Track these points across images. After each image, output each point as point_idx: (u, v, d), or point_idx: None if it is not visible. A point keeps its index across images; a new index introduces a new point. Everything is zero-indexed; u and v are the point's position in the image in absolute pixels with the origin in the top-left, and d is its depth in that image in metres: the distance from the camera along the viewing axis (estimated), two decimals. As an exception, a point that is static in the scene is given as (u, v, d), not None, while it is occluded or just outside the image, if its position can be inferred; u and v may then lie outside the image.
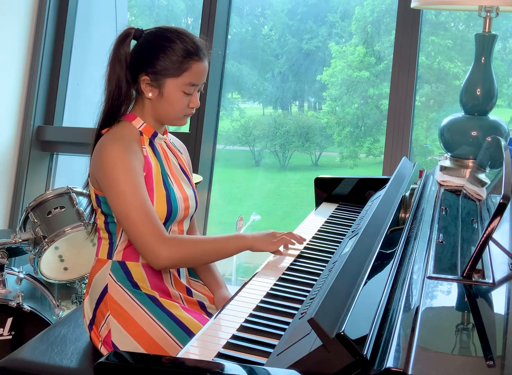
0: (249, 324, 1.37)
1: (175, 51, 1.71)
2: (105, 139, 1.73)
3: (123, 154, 1.67)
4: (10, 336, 2.45)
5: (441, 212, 1.74)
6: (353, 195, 2.35)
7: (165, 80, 1.72)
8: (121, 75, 1.75)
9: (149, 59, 1.72)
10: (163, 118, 1.79)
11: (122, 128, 1.76)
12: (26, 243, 2.70)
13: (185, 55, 1.71)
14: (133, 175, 1.66)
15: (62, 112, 3.89)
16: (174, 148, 1.90)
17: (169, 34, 1.73)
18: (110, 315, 1.71)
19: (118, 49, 1.76)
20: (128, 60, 1.75)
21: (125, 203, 1.65)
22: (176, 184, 1.81)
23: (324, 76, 4.16)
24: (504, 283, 1.24)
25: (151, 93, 1.74)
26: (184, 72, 1.72)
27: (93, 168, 1.74)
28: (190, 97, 1.75)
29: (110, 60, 1.77)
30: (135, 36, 1.77)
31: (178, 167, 1.87)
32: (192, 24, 4.52)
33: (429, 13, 3.65)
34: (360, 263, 1.34)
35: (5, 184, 3.73)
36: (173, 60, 1.71)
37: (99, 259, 1.79)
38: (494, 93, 2.25)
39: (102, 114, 1.78)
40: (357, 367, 0.99)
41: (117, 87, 1.75)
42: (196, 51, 1.73)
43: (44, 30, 3.73)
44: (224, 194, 4.52)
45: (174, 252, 1.66)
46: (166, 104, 1.74)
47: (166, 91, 1.73)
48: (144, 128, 1.78)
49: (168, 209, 1.75)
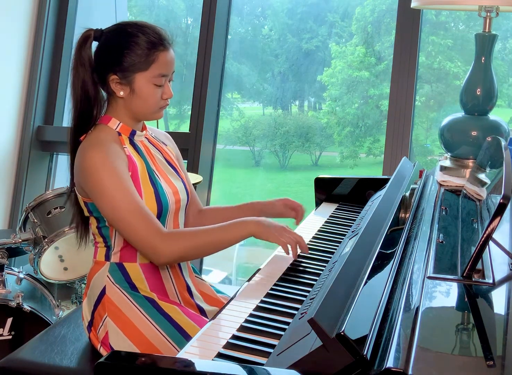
0: (249, 324, 1.37)
1: (139, 45, 1.68)
2: (84, 146, 1.70)
3: (105, 159, 1.64)
4: (10, 336, 2.45)
5: (441, 212, 1.74)
6: (353, 195, 2.35)
7: (134, 75, 1.69)
8: (86, 79, 1.72)
9: (115, 57, 1.69)
10: (138, 114, 1.76)
11: (99, 132, 1.73)
12: (26, 243, 2.70)
13: (149, 47, 1.69)
14: (119, 178, 1.64)
15: (62, 112, 3.89)
16: (157, 142, 1.87)
17: (129, 29, 1.70)
18: (107, 317, 1.70)
19: (80, 53, 1.73)
20: (92, 62, 1.73)
21: (117, 207, 1.63)
22: (163, 179, 1.78)
23: (324, 76, 4.16)
24: (504, 283, 1.25)
25: (122, 91, 1.71)
26: (152, 64, 1.69)
27: (78, 178, 1.71)
28: (162, 89, 1.73)
29: (72, 65, 1.74)
30: (96, 37, 1.74)
31: (164, 161, 1.84)
32: (192, 24, 4.52)
33: (429, 13, 3.65)
34: (360, 263, 1.34)
35: (5, 184, 3.73)
36: (139, 54, 1.68)
37: (97, 261, 1.78)
38: (494, 93, 2.25)
39: (74, 121, 1.75)
40: (357, 367, 0.99)
41: (83, 92, 1.72)
42: (160, 41, 1.70)
43: (44, 30, 3.73)
44: (224, 194, 4.51)
45: (174, 246, 1.64)
46: (139, 100, 1.72)
47: (137, 86, 1.70)
48: (121, 128, 1.76)
49: (158, 205, 1.73)
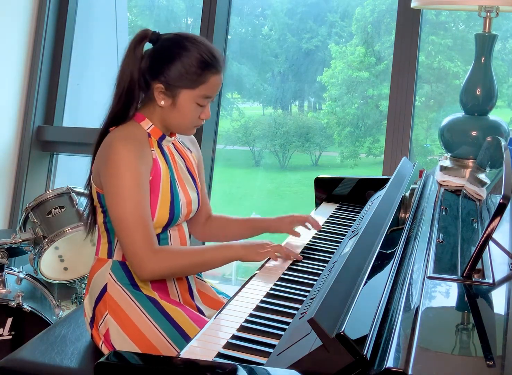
0: (249, 324, 1.37)
1: (192, 61, 1.65)
2: (114, 136, 1.68)
3: (132, 156, 1.63)
4: (10, 336, 2.45)
5: (441, 212, 1.74)
6: (353, 195, 2.35)
7: (180, 90, 1.67)
8: (134, 78, 1.69)
9: (165, 66, 1.66)
10: (172, 126, 1.74)
11: (131, 128, 1.71)
12: (26, 243, 2.70)
13: (202, 66, 1.66)
14: (138, 183, 1.62)
15: (62, 112, 3.89)
16: (182, 149, 1.85)
17: (186, 42, 1.66)
18: (108, 314, 1.70)
19: (134, 51, 1.69)
20: (143, 64, 1.69)
21: (124, 206, 1.62)
22: (181, 188, 1.77)
23: (324, 77, 4.16)
24: (504, 283, 1.25)
25: (164, 101, 1.69)
26: (201, 85, 1.67)
27: (98, 165, 1.69)
28: (202, 109, 1.71)
29: (124, 61, 1.70)
30: (151, 40, 1.71)
31: (185, 170, 1.82)
32: (192, 24, 4.52)
33: (429, 13, 3.65)
34: (360, 263, 1.34)
35: (5, 184, 3.73)
36: (190, 71, 1.65)
37: (99, 258, 1.77)
38: (494, 93, 2.25)
39: (111, 114, 1.73)
40: (357, 367, 0.99)
41: (129, 89, 1.70)
42: (214, 63, 1.68)
43: (44, 30, 3.72)
44: (224, 194, 4.52)
45: (161, 265, 1.64)
46: (178, 114, 1.70)
47: (179, 101, 1.68)
48: (152, 130, 1.74)
49: (170, 214, 1.73)
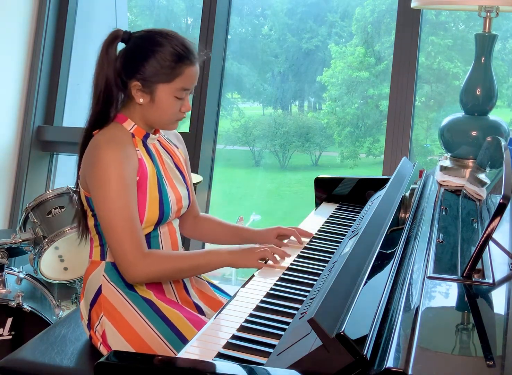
0: (249, 324, 1.37)
1: (165, 56, 1.66)
2: (98, 140, 1.68)
3: (117, 158, 1.63)
4: (10, 336, 2.44)
5: (441, 212, 1.74)
6: (353, 195, 2.35)
7: (156, 85, 1.67)
8: (110, 78, 1.69)
9: (140, 64, 1.67)
10: (154, 123, 1.75)
11: (115, 130, 1.71)
12: (26, 243, 2.70)
13: (176, 59, 1.66)
14: (124, 183, 1.63)
15: (62, 112, 3.89)
16: (168, 145, 1.85)
17: (158, 38, 1.67)
18: (103, 316, 1.70)
19: (107, 52, 1.70)
20: (118, 64, 1.70)
21: (112, 209, 1.62)
22: (170, 185, 1.77)
23: (324, 77, 4.16)
24: (504, 283, 1.25)
25: (142, 98, 1.69)
26: (176, 78, 1.67)
27: (84, 170, 1.70)
28: (182, 102, 1.71)
29: (98, 63, 1.71)
30: (124, 39, 1.71)
31: (173, 166, 1.82)
32: (192, 24, 4.52)
33: (429, 13, 3.65)
34: (360, 263, 1.34)
35: (5, 184, 3.73)
36: (164, 65, 1.66)
37: (92, 261, 1.77)
38: (494, 93, 2.25)
39: (92, 117, 1.73)
40: (357, 367, 0.99)
41: (106, 90, 1.70)
42: (187, 54, 1.68)
43: (44, 30, 3.72)
44: (224, 194, 4.52)
45: (149, 268, 1.64)
46: (157, 110, 1.70)
47: (158, 97, 1.68)
48: (136, 130, 1.74)
49: (160, 213, 1.73)
